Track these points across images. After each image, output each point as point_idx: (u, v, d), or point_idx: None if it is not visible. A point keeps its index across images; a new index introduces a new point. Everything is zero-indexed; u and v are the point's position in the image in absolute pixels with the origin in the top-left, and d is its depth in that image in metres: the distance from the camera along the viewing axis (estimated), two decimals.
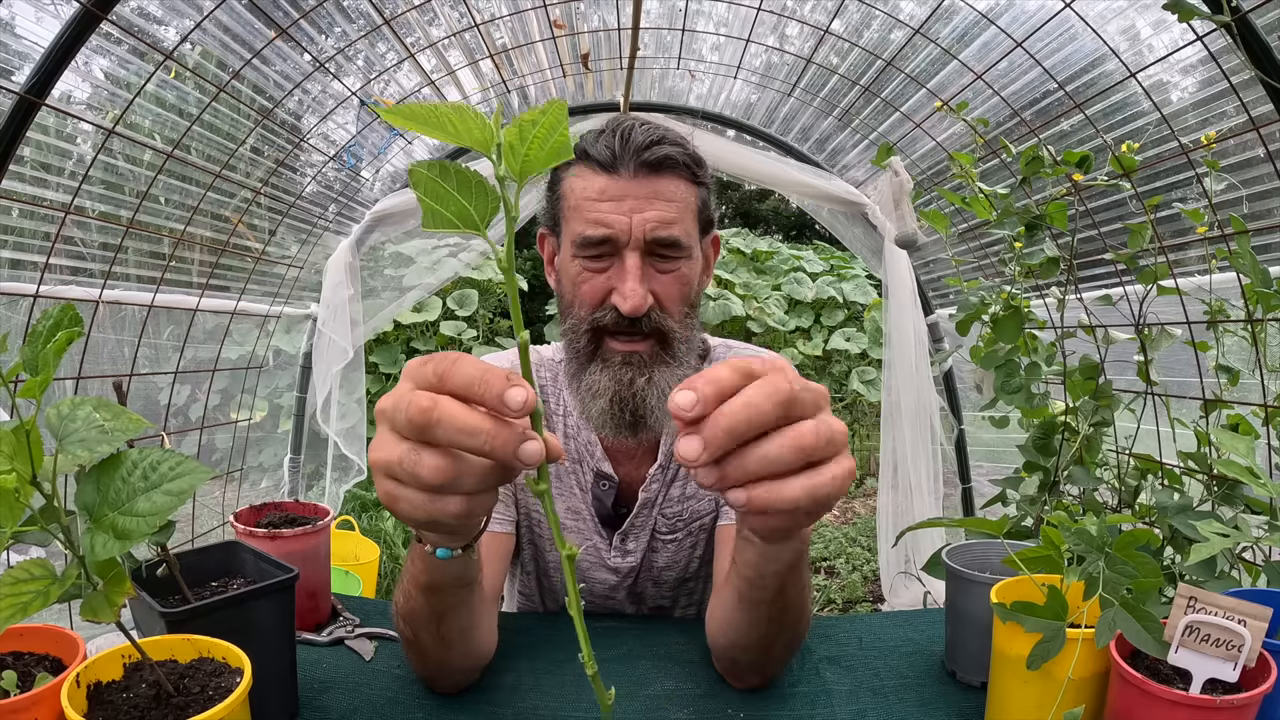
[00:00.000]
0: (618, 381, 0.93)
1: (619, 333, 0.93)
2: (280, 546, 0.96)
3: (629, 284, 0.90)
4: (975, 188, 1.23)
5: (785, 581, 0.68)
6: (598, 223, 0.91)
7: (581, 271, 0.94)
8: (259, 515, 1.06)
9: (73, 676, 0.57)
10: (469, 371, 0.42)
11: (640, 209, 0.90)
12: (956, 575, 0.85)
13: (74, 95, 1.64)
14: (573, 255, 0.95)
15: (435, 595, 0.70)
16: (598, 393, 0.94)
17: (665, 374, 0.94)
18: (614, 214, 0.90)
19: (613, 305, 0.92)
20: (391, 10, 1.86)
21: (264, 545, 0.94)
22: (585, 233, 0.91)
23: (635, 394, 0.93)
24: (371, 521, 3.82)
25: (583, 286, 0.94)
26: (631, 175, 0.91)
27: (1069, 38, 1.55)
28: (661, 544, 1.08)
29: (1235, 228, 1.09)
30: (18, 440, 0.48)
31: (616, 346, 0.94)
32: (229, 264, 2.13)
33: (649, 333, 0.94)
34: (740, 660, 0.83)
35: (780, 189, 2.64)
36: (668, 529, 1.08)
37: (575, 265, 0.94)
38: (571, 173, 0.95)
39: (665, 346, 0.95)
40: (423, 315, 4.95)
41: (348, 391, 2.65)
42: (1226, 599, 0.61)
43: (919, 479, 2.46)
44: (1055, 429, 1.21)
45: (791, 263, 6.09)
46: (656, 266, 0.93)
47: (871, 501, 4.61)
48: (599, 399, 0.94)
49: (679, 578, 1.12)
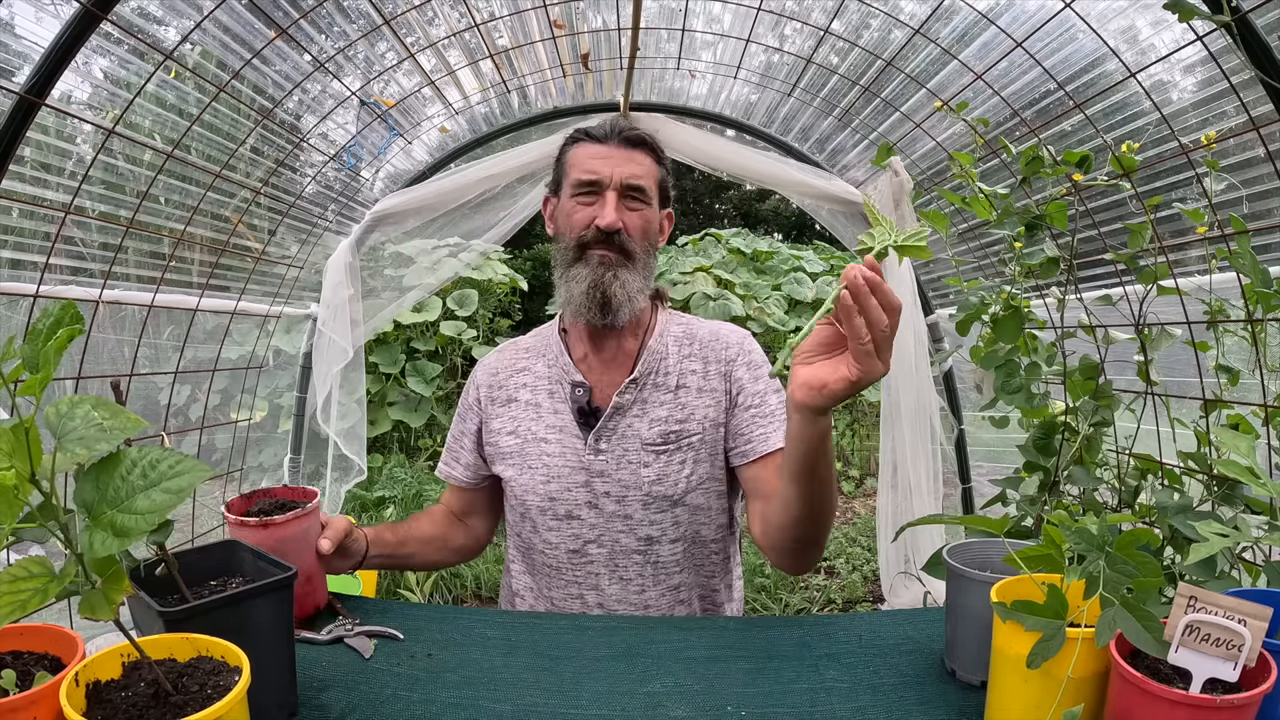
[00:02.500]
0: (594, 274, 1.26)
1: (597, 244, 1.27)
2: (272, 534, 0.99)
3: (608, 209, 1.26)
4: (975, 188, 1.23)
5: (820, 453, 0.95)
6: (590, 171, 1.28)
7: (575, 206, 1.30)
8: (249, 503, 1.09)
9: (72, 675, 0.57)
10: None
11: (620, 165, 1.28)
12: (957, 574, 0.85)
13: (74, 95, 1.64)
14: (570, 195, 1.31)
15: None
16: (579, 280, 1.27)
17: (627, 275, 1.27)
18: (602, 166, 1.28)
19: (595, 225, 1.26)
20: (391, 10, 1.86)
21: (256, 533, 0.97)
22: (581, 177, 1.29)
23: (606, 284, 1.25)
24: (371, 521, 3.82)
25: (574, 215, 1.30)
26: (616, 145, 1.30)
27: (1069, 38, 1.55)
28: (653, 456, 1.28)
29: (1235, 228, 1.09)
30: (16, 438, 0.48)
31: (595, 253, 1.28)
32: (229, 264, 2.13)
33: (618, 247, 1.27)
34: (801, 536, 1.10)
35: (780, 189, 2.64)
36: (659, 439, 1.28)
37: (571, 203, 1.31)
38: (574, 148, 1.34)
39: (629, 259, 1.28)
40: (423, 315, 4.96)
41: (348, 391, 2.65)
42: (1227, 599, 0.61)
43: (919, 479, 2.46)
44: (1055, 429, 1.21)
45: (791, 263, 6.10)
46: (627, 205, 1.29)
47: (871, 501, 4.61)
48: (580, 284, 1.26)
49: (667, 496, 1.27)
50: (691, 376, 1.31)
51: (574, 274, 1.28)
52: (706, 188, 13.49)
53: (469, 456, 1.41)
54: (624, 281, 1.26)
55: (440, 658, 0.95)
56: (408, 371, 4.97)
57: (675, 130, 2.40)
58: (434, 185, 2.51)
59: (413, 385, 4.92)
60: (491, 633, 1.03)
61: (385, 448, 4.96)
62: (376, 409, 4.81)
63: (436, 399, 4.98)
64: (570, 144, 1.35)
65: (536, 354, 1.41)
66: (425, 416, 4.92)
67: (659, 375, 1.31)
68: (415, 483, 4.25)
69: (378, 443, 4.91)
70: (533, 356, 1.41)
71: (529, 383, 1.38)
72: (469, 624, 1.06)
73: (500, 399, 1.38)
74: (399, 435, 5.02)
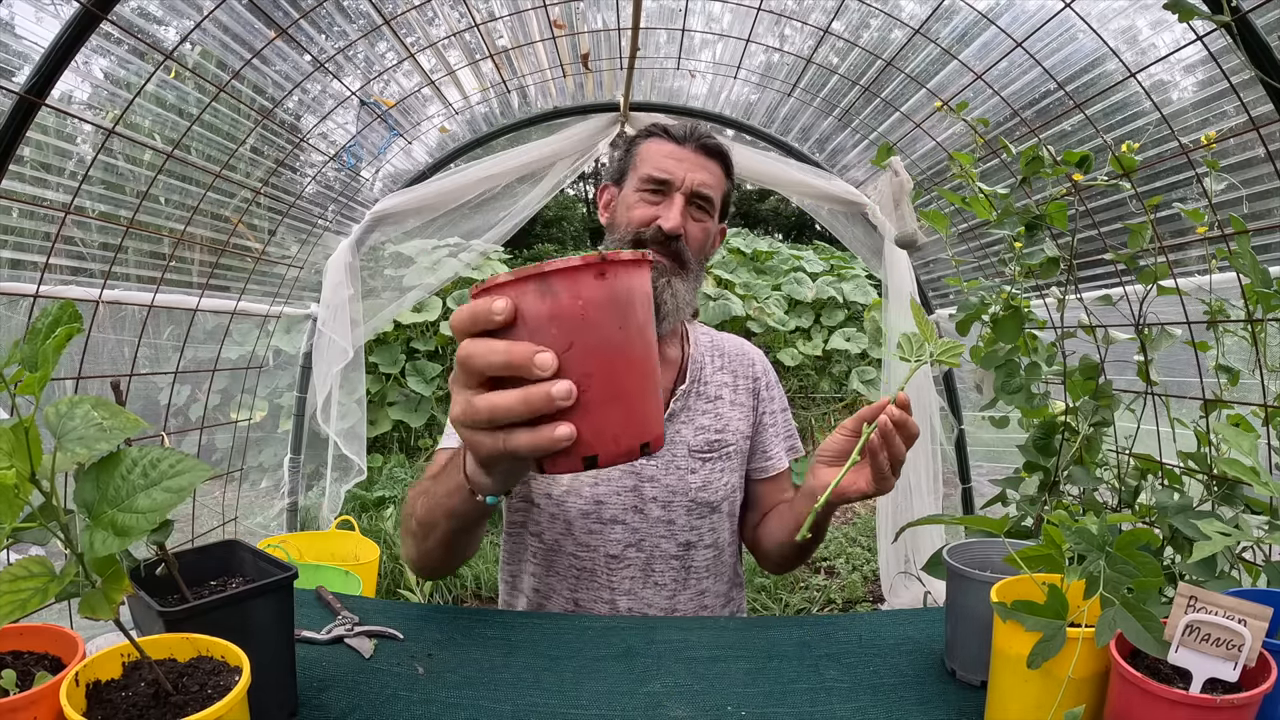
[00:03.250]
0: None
1: (654, 245, 1.22)
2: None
3: (674, 211, 1.22)
4: (975, 188, 1.23)
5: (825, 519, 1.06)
6: (663, 169, 1.24)
7: (639, 202, 1.26)
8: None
9: (72, 675, 0.57)
10: (474, 314, 0.56)
11: (693, 170, 1.25)
12: (957, 574, 0.85)
13: (74, 95, 1.64)
14: (635, 189, 1.27)
15: (459, 522, 0.93)
16: None
17: (679, 284, 1.23)
18: (675, 167, 1.24)
19: (657, 225, 1.22)
20: (391, 10, 1.86)
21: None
22: (652, 174, 1.24)
23: (659, 290, 1.20)
24: (371, 521, 3.82)
25: (636, 210, 1.25)
26: (693, 150, 1.27)
27: (1069, 38, 1.55)
28: (700, 463, 1.29)
29: (1235, 228, 1.09)
30: (16, 438, 0.48)
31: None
32: (229, 264, 2.13)
33: (674, 253, 1.23)
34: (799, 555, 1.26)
35: (780, 189, 2.64)
36: (705, 447, 1.30)
37: (635, 196, 1.26)
38: (648, 141, 1.31)
39: (683, 267, 1.24)
40: (423, 315, 4.96)
41: (348, 391, 2.65)
42: (1227, 598, 0.61)
43: (918, 479, 2.46)
44: (1055, 429, 1.21)
45: (791, 263, 6.09)
46: (692, 213, 1.25)
47: (871, 501, 4.61)
48: None
49: (710, 503, 1.29)
50: (725, 390, 1.36)
51: None
52: None
53: None
54: (675, 290, 1.22)
55: (440, 658, 0.95)
56: (408, 371, 4.97)
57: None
58: (434, 185, 2.51)
59: (413, 385, 4.92)
60: (491, 633, 1.03)
61: (385, 448, 4.96)
62: (376, 409, 4.81)
63: (436, 399, 4.99)
64: (645, 136, 1.32)
65: None
66: (425, 416, 4.92)
67: (700, 384, 1.34)
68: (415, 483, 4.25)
69: (378, 443, 4.91)
70: None
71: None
72: (469, 624, 1.06)
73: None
74: (399, 435, 5.02)
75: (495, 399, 0.57)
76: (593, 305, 0.55)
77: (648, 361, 0.59)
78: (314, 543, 2.42)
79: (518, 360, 0.54)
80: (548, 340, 0.55)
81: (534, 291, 0.54)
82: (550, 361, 0.54)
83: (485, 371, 0.57)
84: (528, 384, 0.55)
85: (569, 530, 1.26)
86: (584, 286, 0.55)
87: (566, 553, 1.27)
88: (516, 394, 0.55)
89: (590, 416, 0.56)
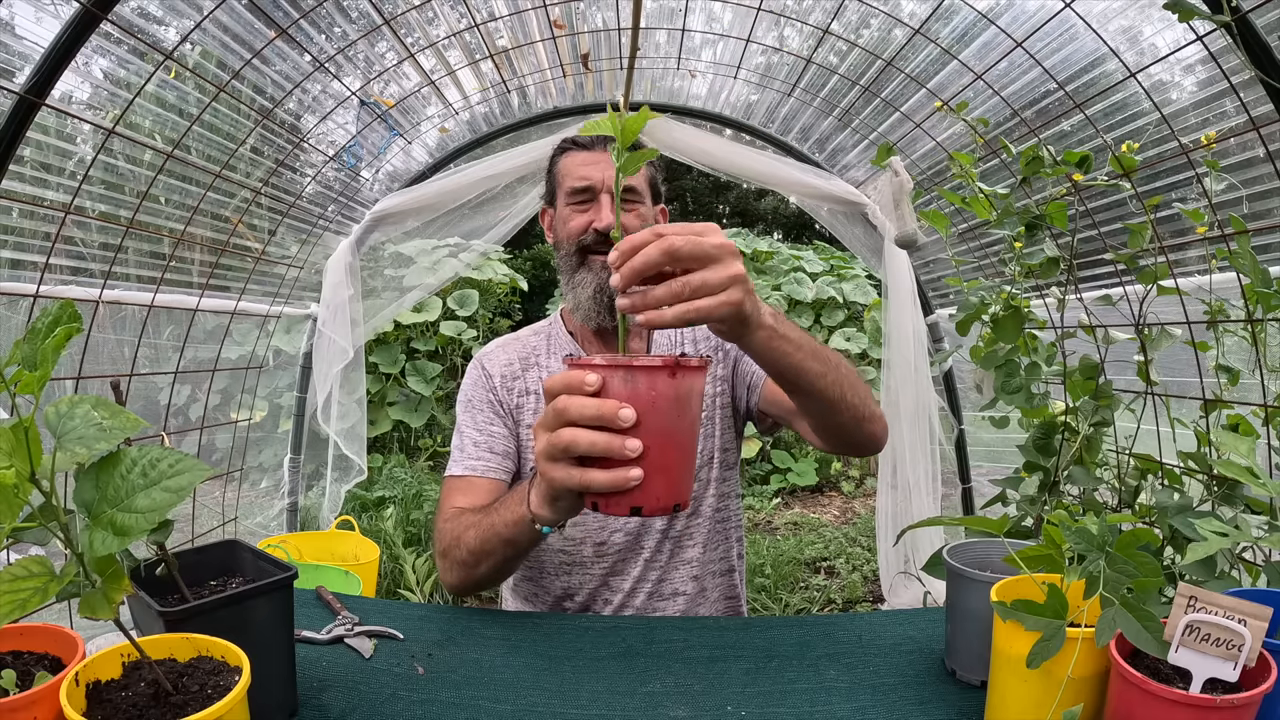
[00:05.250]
0: (598, 278, 1.29)
1: (596, 248, 1.30)
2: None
3: (603, 211, 1.29)
4: (975, 188, 1.23)
5: (782, 354, 0.90)
6: (582, 177, 1.31)
7: (572, 213, 1.33)
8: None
9: (72, 675, 0.57)
10: (568, 380, 0.73)
11: (609, 169, 1.29)
12: (957, 574, 0.85)
13: (74, 95, 1.64)
14: (565, 204, 1.34)
15: (514, 549, 1.02)
16: (584, 285, 1.30)
17: None
18: (593, 172, 1.31)
19: (593, 228, 1.29)
20: (391, 10, 1.86)
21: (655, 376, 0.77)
22: (574, 185, 1.32)
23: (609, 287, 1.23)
24: (371, 522, 3.82)
25: (571, 222, 1.32)
26: (603, 150, 1.33)
27: (1069, 38, 1.55)
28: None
29: (1235, 228, 1.09)
30: (16, 438, 0.48)
31: (595, 257, 1.31)
32: (229, 264, 2.13)
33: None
34: (844, 419, 1.06)
35: (780, 189, 2.64)
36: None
37: (567, 210, 1.34)
38: (562, 158, 1.38)
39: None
40: (423, 315, 4.96)
41: (348, 391, 2.65)
42: (1227, 598, 0.61)
43: (918, 479, 2.46)
44: (1055, 429, 1.21)
45: (791, 263, 6.09)
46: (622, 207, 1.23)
47: (871, 501, 4.60)
48: (586, 289, 1.30)
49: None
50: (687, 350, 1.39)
51: (579, 280, 1.32)
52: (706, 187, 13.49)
53: (504, 444, 1.34)
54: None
55: (440, 658, 0.95)
56: (408, 371, 4.97)
57: (675, 130, 2.40)
58: (434, 185, 2.51)
59: (413, 385, 4.92)
60: (491, 633, 1.03)
61: (385, 448, 4.96)
62: (376, 409, 4.81)
63: (437, 399, 4.99)
64: (559, 154, 1.39)
65: (545, 351, 1.42)
66: (425, 416, 4.92)
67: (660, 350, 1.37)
68: (415, 483, 4.24)
69: (378, 443, 4.91)
70: (542, 354, 1.42)
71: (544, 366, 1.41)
72: (469, 624, 1.06)
73: (518, 390, 1.37)
74: (399, 435, 5.02)
75: (578, 433, 0.70)
76: (662, 397, 0.70)
77: (693, 444, 0.74)
78: (314, 543, 2.42)
79: (607, 411, 0.69)
80: None
81: (620, 377, 0.70)
82: (632, 415, 0.68)
83: (577, 421, 0.70)
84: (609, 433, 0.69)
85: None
86: (658, 381, 0.69)
87: (554, 549, 1.32)
88: (601, 435, 0.69)
89: (644, 478, 0.70)
